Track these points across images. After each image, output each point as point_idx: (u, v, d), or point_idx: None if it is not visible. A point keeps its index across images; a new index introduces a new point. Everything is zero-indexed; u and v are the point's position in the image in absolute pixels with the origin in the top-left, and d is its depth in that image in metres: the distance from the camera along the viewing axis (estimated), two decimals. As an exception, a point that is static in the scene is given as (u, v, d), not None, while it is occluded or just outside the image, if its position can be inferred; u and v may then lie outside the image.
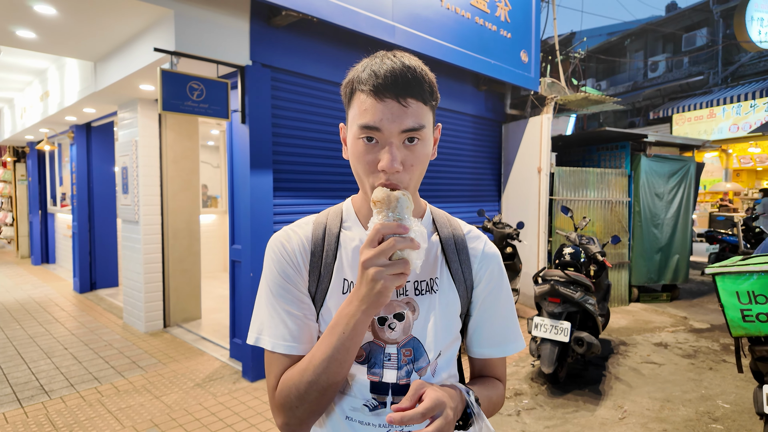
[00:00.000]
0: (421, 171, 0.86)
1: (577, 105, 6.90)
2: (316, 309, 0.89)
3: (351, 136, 0.85)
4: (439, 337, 0.90)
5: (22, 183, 10.34)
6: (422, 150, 0.83)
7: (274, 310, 0.86)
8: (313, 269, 0.89)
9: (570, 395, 3.55)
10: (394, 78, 0.78)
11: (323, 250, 0.90)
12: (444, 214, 1.03)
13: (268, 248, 0.92)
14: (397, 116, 0.79)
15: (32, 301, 6.14)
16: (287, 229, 0.94)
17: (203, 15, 3.45)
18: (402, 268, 0.72)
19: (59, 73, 5.73)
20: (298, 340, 0.85)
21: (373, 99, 0.79)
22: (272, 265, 0.89)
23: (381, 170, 0.79)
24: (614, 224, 6.28)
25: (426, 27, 4.61)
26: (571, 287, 3.70)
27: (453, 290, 0.93)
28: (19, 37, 3.88)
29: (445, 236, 0.97)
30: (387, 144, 0.79)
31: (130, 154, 5.02)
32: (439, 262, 0.94)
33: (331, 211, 0.98)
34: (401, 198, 0.75)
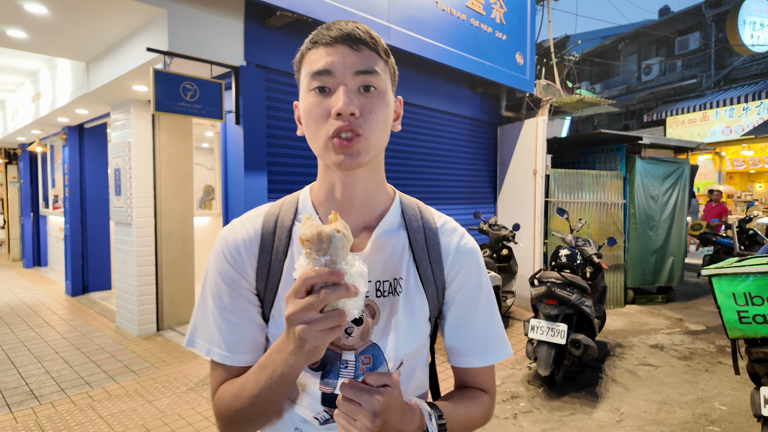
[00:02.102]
0: (383, 127, 0.76)
1: (572, 107, 6.92)
2: (266, 310, 0.80)
3: (303, 94, 0.77)
4: (401, 344, 0.80)
5: (13, 185, 10.23)
6: (380, 101, 0.75)
7: (211, 315, 0.79)
8: (262, 266, 0.80)
9: (567, 398, 3.54)
10: (346, 31, 0.73)
11: (273, 245, 0.80)
12: (415, 203, 0.92)
13: (214, 244, 0.83)
14: (349, 58, 0.72)
15: (23, 305, 6.06)
16: (235, 222, 0.84)
17: (197, 15, 3.42)
18: (336, 320, 0.61)
19: (51, 73, 5.67)
20: (235, 350, 0.78)
21: (323, 49, 0.73)
22: (213, 265, 0.80)
23: (335, 115, 0.71)
24: (609, 226, 6.29)
25: (421, 28, 4.60)
26: (568, 289, 3.69)
27: (420, 292, 0.83)
28: (9, 36, 3.83)
29: (414, 230, 0.85)
30: (340, 86, 0.72)
31: (123, 156, 4.97)
32: (405, 260, 0.83)
33: (286, 200, 0.86)
34: (335, 237, 0.62)
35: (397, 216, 0.86)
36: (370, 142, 0.74)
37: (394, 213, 0.86)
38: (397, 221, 0.85)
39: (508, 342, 0.90)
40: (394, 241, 0.83)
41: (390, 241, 0.83)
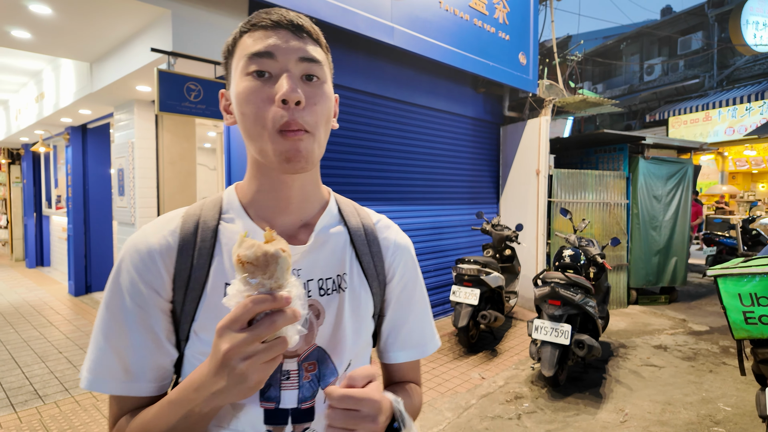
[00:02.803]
0: (327, 121, 0.72)
1: (574, 107, 6.91)
2: (183, 326, 0.70)
3: (237, 78, 0.69)
4: (350, 343, 0.76)
5: (16, 185, 10.25)
6: (324, 92, 0.70)
7: (109, 338, 0.67)
8: (181, 274, 0.69)
9: (570, 398, 3.53)
10: (288, 17, 0.69)
11: (195, 247, 0.71)
12: (350, 202, 0.89)
13: (119, 256, 0.70)
14: (293, 43, 0.67)
15: (27, 305, 6.08)
16: (146, 227, 0.73)
17: (201, 15, 3.42)
18: (280, 349, 0.55)
19: (54, 74, 5.68)
20: (137, 378, 0.67)
21: (263, 31, 0.67)
22: (117, 279, 0.68)
23: (281, 104, 0.65)
24: (613, 226, 6.27)
25: (425, 28, 4.60)
26: (572, 290, 3.68)
27: (365, 287, 0.80)
28: (14, 37, 3.84)
29: (353, 226, 0.83)
30: (283, 71, 0.66)
31: (127, 156, 4.98)
32: (348, 255, 0.80)
33: (207, 201, 0.78)
34: (281, 258, 0.54)
35: (335, 213, 0.83)
36: (316, 139, 0.69)
37: (332, 210, 0.83)
38: (336, 218, 0.83)
39: (436, 333, 0.91)
40: (335, 236, 0.80)
41: (331, 237, 0.79)
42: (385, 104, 4.94)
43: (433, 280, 5.59)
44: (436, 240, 5.64)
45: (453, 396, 3.54)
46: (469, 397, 3.53)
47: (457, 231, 5.95)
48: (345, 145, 4.59)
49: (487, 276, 4.39)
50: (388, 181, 5.04)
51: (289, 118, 0.65)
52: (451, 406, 3.38)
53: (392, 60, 4.84)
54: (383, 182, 4.98)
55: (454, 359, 4.30)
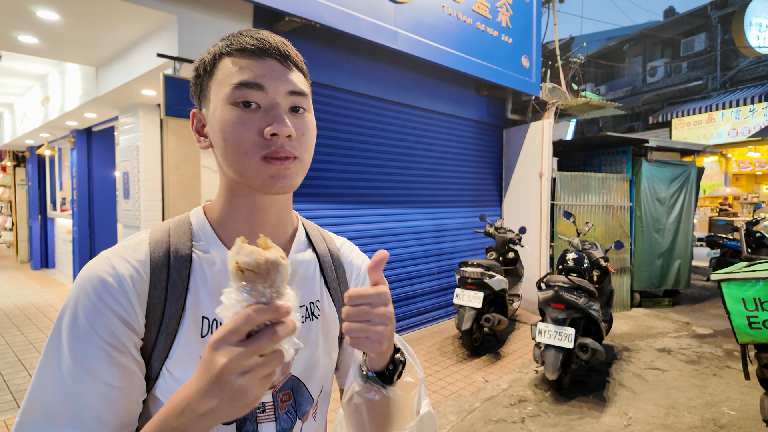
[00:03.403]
0: (312, 147, 0.72)
1: (578, 110, 6.92)
2: (155, 364, 0.65)
3: (219, 105, 0.66)
4: (323, 369, 0.77)
5: (21, 187, 10.31)
6: (309, 122, 0.70)
7: (75, 385, 0.58)
8: (154, 308, 0.64)
9: (574, 402, 3.53)
10: (274, 44, 0.67)
11: (168, 280, 0.66)
12: (315, 226, 0.88)
13: (78, 286, 0.63)
14: (282, 75, 0.66)
15: (32, 307, 6.11)
16: (107, 255, 0.65)
17: (206, 20, 3.45)
18: (277, 363, 0.52)
19: (60, 78, 5.72)
20: (107, 428, 0.59)
21: (249, 58, 0.65)
22: (82, 316, 0.60)
23: (270, 137, 0.64)
24: (616, 229, 6.27)
25: (428, 33, 4.62)
26: (575, 293, 3.69)
27: (333, 312, 0.81)
28: (21, 42, 3.87)
29: (321, 252, 0.83)
30: (273, 105, 0.65)
31: (132, 159, 5.01)
32: (318, 282, 0.80)
33: (173, 226, 0.72)
34: (281, 265, 0.52)
35: (304, 239, 0.82)
36: (303, 164, 0.69)
37: (301, 236, 0.82)
38: (305, 244, 0.82)
39: None
40: (305, 263, 0.80)
41: (302, 264, 0.79)
42: (387, 107, 4.96)
43: (436, 283, 5.60)
44: (439, 243, 5.65)
45: (457, 399, 3.54)
46: (473, 400, 3.53)
47: (460, 234, 5.96)
48: (347, 149, 4.61)
49: (491, 279, 4.40)
50: (391, 184, 5.05)
51: (277, 147, 0.64)
52: (454, 409, 3.38)
53: (395, 63, 4.86)
54: (386, 185, 5.00)
55: (458, 362, 4.31)
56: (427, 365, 4.23)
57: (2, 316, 5.66)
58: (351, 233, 4.60)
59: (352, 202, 4.67)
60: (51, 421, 0.58)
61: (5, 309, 5.98)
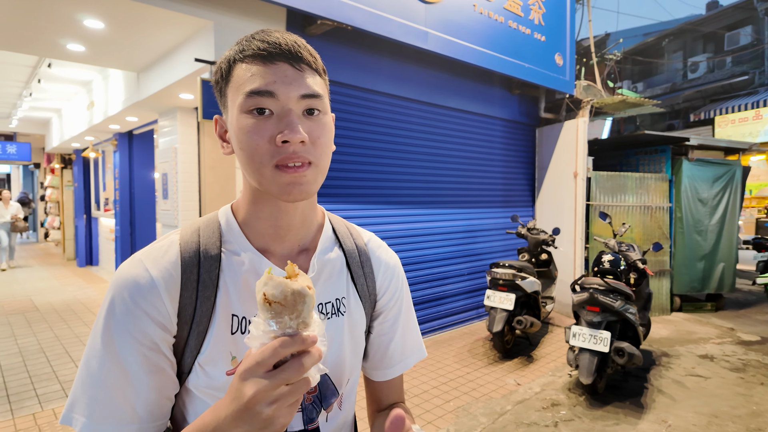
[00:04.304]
0: (329, 151, 0.71)
1: (613, 108, 6.73)
2: (188, 360, 0.68)
3: (235, 113, 0.67)
4: (348, 364, 0.79)
5: (68, 188, 10.82)
6: (325, 124, 0.69)
7: (114, 380, 0.62)
8: (185, 308, 0.67)
9: (610, 407, 3.44)
10: (285, 46, 0.66)
11: (198, 279, 0.68)
12: (342, 221, 0.89)
13: (112, 289, 0.66)
14: (293, 80, 0.65)
15: (78, 302, 6.41)
16: (141, 259, 0.68)
17: (241, 25, 3.54)
18: (304, 390, 0.53)
19: (104, 83, 5.99)
20: (145, 420, 0.64)
21: (260, 64, 0.65)
22: (117, 317, 0.64)
23: (281, 144, 0.64)
24: (654, 231, 6.07)
25: (459, 32, 4.60)
26: (611, 296, 3.59)
27: (359, 308, 0.82)
28: (69, 50, 4.08)
29: (348, 249, 0.83)
30: (285, 112, 0.65)
31: (170, 161, 5.19)
32: (344, 279, 0.81)
33: (202, 226, 0.74)
34: (308, 296, 0.53)
35: (331, 236, 0.83)
36: (320, 169, 0.69)
37: (328, 233, 0.83)
38: (332, 240, 0.83)
39: (422, 344, 0.94)
40: (332, 261, 0.81)
41: (329, 262, 0.80)
42: (417, 107, 4.96)
43: (467, 284, 5.55)
44: (470, 244, 5.60)
45: (487, 401, 3.51)
46: (504, 402, 3.49)
47: (490, 234, 5.89)
48: (377, 149, 4.63)
49: (523, 281, 4.34)
50: (421, 184, 5.05)
51: (289, 154, 0.64)
52: (485, 411, 3.35)
53: (424, 63, 4.85)
54: (416, 185, 5.00)
55: (489, 364, 4.26)
56: (457, 366, 4.21)
57: (51, 310, 5.96)
58: (381, 233, 4.62)
59: (382, 203, 4.70)
60: (92, 415, 0.62)
61: (53, 304, 6.29)
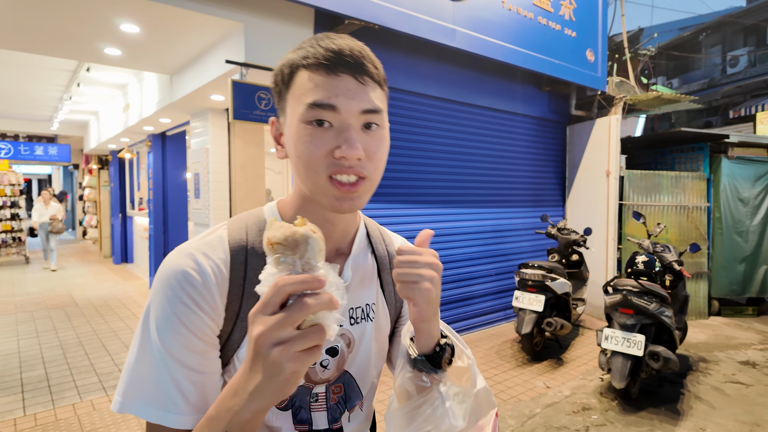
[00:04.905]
0: (383, 166, 0.71)
1: (647, 105, 6.52)
2: (228, 353, 0.69)
3: (294, 122, 0.67)
4: (373, 368, 0.81)
5: (105, 188, 11.23)
6: (382, 139, 0.70)
7: (166, 370, 0.63)
8: (232, 304, 0.68)
9: (644, 413, 3.34)
10: (348, 52, 0.65)
11: (245, 277, 0.69)
12: (376, 226, 0.89)
13: (164, 280, 0.66)
14: (356, 94, 0.65)
15: (114, 298, 6.63)
16: (190, 250, 0.68)
17: (270, 27, 3.59)
18: (317, 338, 0.51)
19: (139, 86, 6.18)
20: (195, 410, 0.64)
21: (324, 74, 0.65)
22: (170, 307, 0.64)
23: (339, 158, 0.64)
24: (691, 231, 5.85)
25: (487, 29, 4.54)
26: (646, 298, 3.48)
27: (386, 314, 0.83)
28: (107, 54, 4.22)
29: (380, 255, 0.84)
30: (345, 126, 0.65)
31: (202, 161, 5.31)
32: (375, 285, 0.82)
33: (249, 222, 0.75)
34: (311, 237, 0.52)
35: (365, 240, 0.84)
36: (373, 183, 0.69)
37: (362, 238, 0.83)
38: (365, 245, 0.84)
39: None
40: (364, 266, 0.82)
41: (361, 267, 0.81)
42: (444, 106, 4.93)
43: (494, 285, 5.48)
44: (498, 243, 5.53)
45: (516, 404, 3.46)
46: (533, 405, 3.43)
47: (519, 235, 5.80)
48: (403, 148, 4.62)
49: (553, 282, 4.25)
50: (448, 183, 5.01)
51: (345, 167, 0.65)
52: (514, 413, 3.30)
53: (452, 61, 4.81)
54: (442, 185, 4.96)
55: (517, 366, 4.20)
56: (484, 368, 4.16)
57: (89, 305, 6.19)
58: (408, 233, 4.61)
59: (409, 202, 4.68)
60: (149, 403, 0.63)
61: (91, 299, 6.53)
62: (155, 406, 0.63)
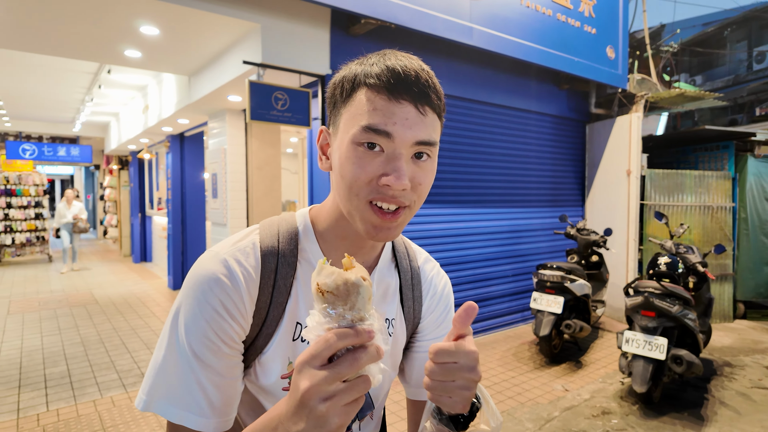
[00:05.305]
0: (426, 193, 0.70)
1: (670, 102, 6.37)
2: (250, 358, 0.71)
3: (346, 139, 0.65)
4: (387, 381, 0.83)
5: (125, 188, 11.43)
6: (431, 169, 0.68)
7: (192, 373, 0.64)
8: (260, 310, 0.69)
9: (666, 418, 3.25)
10: (414, 78, 0.64)
11: (274, 285, 0.70)
12: (401, 239, 0.88)
13: (196, 284, 0.66)
14: (414, 124, 0.63)
15: (133, 296, 6.75)
16: (225, 257, 0.68)
17: (287, 27, 3.60)
18: (363, 389, 0.51)
19: (158, 87, 6.26)
20: (218, 413, 0.65)
21: (386, 98, 0.63)
22: (201, 313, 0.64)
23: (383, 186, 0.63)
24: (715, 232, 5.70)
25: (505, 26, 4.49)
26: (668, 300, 3.40)
27: (403, 330, 0.84)
28: (127, 57, 4.29)
29: (403, 270, 0.84)
30: (396, 155, 0.63)
31: (219, 162, 5.36)
32: (396, 300, 0.82)
33: (281, 230, 0.75)
34: (362, 287, 0.50)
35: (390, 254, 0.84)
36: (413, 211, 0.68)
37: (388, 251, 0.83)
38: (390, 260, 0.84)
39: None
40: (387, 281, 0.81)
41: (385, 282, 0.81)
42: (460, 105, 4.88)
43: (511, 286, 5.42)
44: (515, 244, 5.46)
45: (534, 407, 3.40)
46: (552, 408, 3.37)
47: (537, 235, 5.72)
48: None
49: (572, 283, 4.18)
50: (464, 183, 4.97)
51: (388, 196, 0.64)
52: (531, 416, 3.25)
53: (469, 60, 4.77)
54: (459, 184, 4.92)
55: (535, 369, 4.14)
56: (501, 370, 4.11)
57: (109, 303, 6.30)
58: (424, 233, 4.58)
59: (426, 201, 4.65)
60: (173, 403, 0.64)
61: (112, 298, 6.65)
62: (179, 407, 0.64)
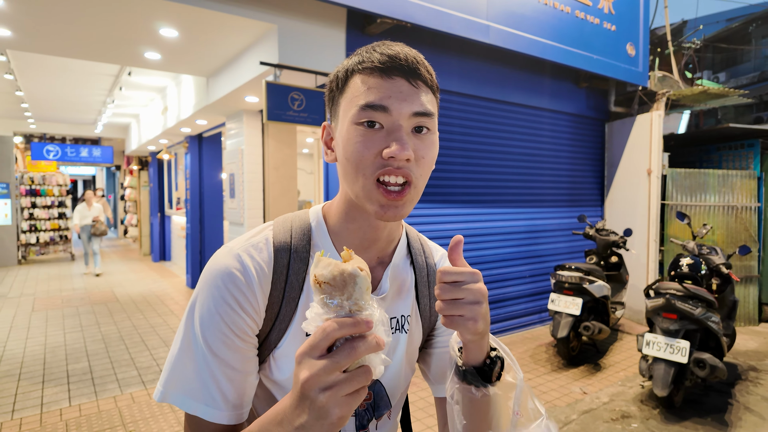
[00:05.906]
0: (430, 170, 0.71)
1: (692, 100, 6.23)
2: (264, 353, 0.72)
3: (346, 123, 0.68)
4: (403, 378, 0.82)
5: (144, 188, 11.64)
6: (432, 143, 0.70)
7: (206, 366, 0.66)
8: (273, 305, 0.70)
9: (688, 423, 3.18)
10: (403, 61, 0.66)
11: (286, 281, 0.71)
12: (416, 235, 0.88)
13: (210, 278, 0.68)
14: (408, 96, 0.66)
15: (153, 295, 6.86)
16: (238, 253, 0.70)
17: (303, 28, 3.61)
18: (364, 380, 0.51)
19: (177, 89, 6.36)
20: (233, 407, 0.67)
21: (378, 77, 0.66)
22: (215, 306, 0.66)
23: (388, 158, 0.64)
24: (740, 233, 5.56)
25: (522, 24, 4.44)
26: (690, 302, 3.32)
27: (419, 327, 0.83)
28: (147, 59, 4.36)
29: (419, 266, 0.84)
30: (396, 127, 0.65)
31: (237, 162, 5.41)
32: (411, 297, 0.82)
33: (294, 225, 0.76)
34: (359, 277, 0.51)
35: (405, 250, 0.84)
36: (418, 189, 0.69)
37: (403, 247, 0.83)
38: (406, 256, 0.84)
39: None
40: (403, 277, 0.82)
41: (399, 277, 0.81)
42: (476, 104, 4.84)
43: (529, 287, 5.36)
44: (532, 245, 5.40)
45: (551, 409, 3.36)
46: (569, 411, 3.33)
47: (555, 235, 5.65)
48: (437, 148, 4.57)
49: (591, 284, 4.11)
50: (481, 182, 4.93)
51: (394, 168, 0.65)
52: (549, 419, 3.20)
53: (486, 58, 4.73)
54: (475, 184, 4.88)
55: (552, 371, 4.08)
56: (518, 371, 4.06)
57: (129, 301, 6.42)
58: (440, 233, 4.56)
59: (441, 201, 4.63)
60: (189, 396, 0.66)
61: (132, 296, 6.78)
62: (194, 399, 0.66)
